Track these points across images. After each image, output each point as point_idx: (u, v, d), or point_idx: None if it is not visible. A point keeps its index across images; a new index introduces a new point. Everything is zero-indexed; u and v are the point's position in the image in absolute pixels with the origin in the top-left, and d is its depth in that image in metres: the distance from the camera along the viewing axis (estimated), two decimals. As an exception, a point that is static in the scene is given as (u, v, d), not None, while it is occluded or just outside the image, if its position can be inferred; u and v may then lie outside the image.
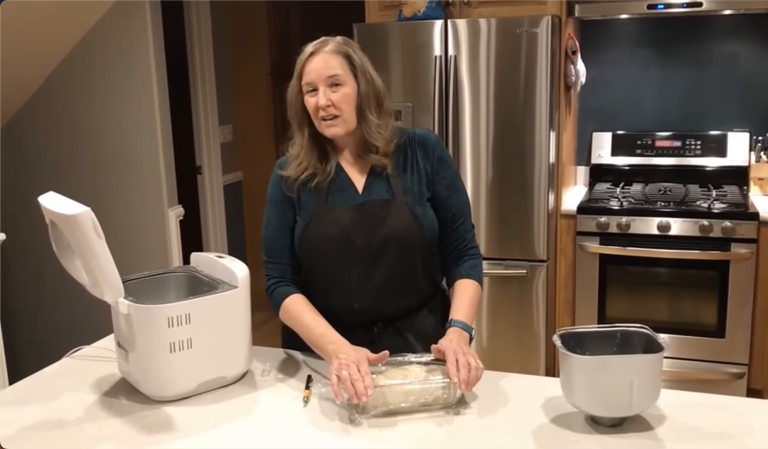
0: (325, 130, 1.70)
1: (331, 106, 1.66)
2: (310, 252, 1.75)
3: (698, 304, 3.26)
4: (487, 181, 3.29)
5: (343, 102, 1.67)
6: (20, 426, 1.51)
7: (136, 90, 3.57)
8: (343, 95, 1.67)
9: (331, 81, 1.66)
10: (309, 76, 1.67)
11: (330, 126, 1.69)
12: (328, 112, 1.67)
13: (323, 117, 1.68)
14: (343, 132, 1.70)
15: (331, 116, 1.67)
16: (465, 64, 3.22)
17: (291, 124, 1.77)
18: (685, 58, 3.65)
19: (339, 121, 1.68)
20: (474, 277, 1.81)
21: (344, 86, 1.67)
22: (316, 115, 1.69)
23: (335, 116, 1.67)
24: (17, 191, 3.77)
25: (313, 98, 1.68)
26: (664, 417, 1.46)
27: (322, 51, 1.67)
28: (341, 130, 1.70)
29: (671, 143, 3.66)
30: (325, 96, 1.66)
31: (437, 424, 1.48)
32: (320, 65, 1.66)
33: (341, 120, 1.68)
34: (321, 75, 1.66)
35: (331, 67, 1.66)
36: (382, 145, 1.73)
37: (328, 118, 1.67)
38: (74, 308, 3.66)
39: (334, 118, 1.68)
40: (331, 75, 1.66)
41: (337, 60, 1.67)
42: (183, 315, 1.55)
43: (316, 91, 1.67)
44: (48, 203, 1.50)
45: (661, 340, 1.44)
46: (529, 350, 3.36)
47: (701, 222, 3.16)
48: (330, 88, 1.66)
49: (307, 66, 1.68)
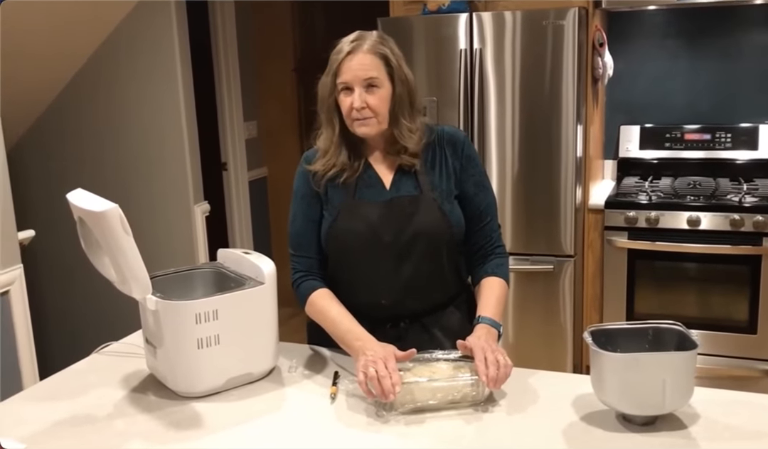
0: (357, 130, 1.68)
1: (366, 108, 1.65)
2: (337, 247, 1.74)
3: (729, 300, 3.20)
4: (513, 176, 3.26)
5: (378, 105, 1.66)
6: (50, 422, 1.52)
7: (161, 87, 3.59)
8: (379, 98, 1.65)
9: (368, 83, 1.64)
10: (345, 75, 1.65)
11: (362, 125, 1.67)
12: (363, 114, 1.65)
13: (356, 118, 1.66)
14: (375, 132, 1.69)
15: (365, 117, 1.66)
16: (490, 57, 3.19)
17: (319, 117, 1.75)
18: (715, 49, 3.58)
19: (372, 121, 1.67)
20: (501, 275, 1.79)
21: (380, 88, 1.66)
22: (349, 114, 1.67)
23: (368, 117, 1.66)
24: (46, 189, 3.81)
25: (348, 98, 1.66)
26: (698, 416, 1.43)
27: (359, 50, 1.64)
28: (373, 130, 1.68)
29: (701, 136, 3.60)
30: (361, 98, 1.64)
31: (466, 422, 1.46)
32: (357, 66, 1.64)
33: (374, 121, 1.67)
34: (357, 76, 1.64)
35: (368, 69, 1.64)
36: (412, 146, 1.71)
37: (361, 118, 1.66)
38: (102, 304, 3.70)
39: (367, 119, 1.66)
40: (368, 77, 1.64)
41: (374, 61, 1.65)
42: (210, 312, 1.55)
43: (351, 90, 1.65)
44: (76, 200, 1.51)
45: (695, 338, 1.41)
46: (556, 346, 3.33)
47: (732, 216, 3.10)
48: (366, 89, 1.65)
49: (344, 65, 1.65)
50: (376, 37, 1.68)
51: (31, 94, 3.59)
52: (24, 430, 1.49)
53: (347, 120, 1.69)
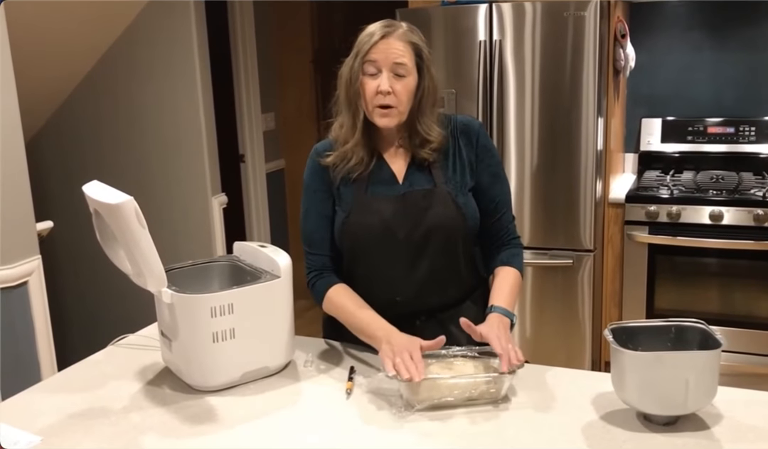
0: (378, 120, 1.64)
1: (391, 93, 1.61)
2: (351, 244, 1.71)
3: (751, 296, 3.16)
4: (532, 169, 3.23)
5: (404, 93, 1.62)
6: (66, 414, 1.52)
7: (179, 79, 3.59)
8: (404, 86, 1.62)
9: (397, 69, 1.61)
10: (375, 55, 1.60)
11: (384, 115, 1.63)
12: (387, 100, 1.61)
13: (380, 104, 1.62)
14: (394, 124, 1.65)
15: (387, 105, 1.62)
16: (510, 49, 3.15)
17: (335, 106, 1.71)
18: (739, 41, 3.52)
19: (394, 112, 1.63)
20: (515, 265, 1.76)
21: (407, 77, 1.62)
22: (372, 99, 1.62)
23: (390, 106, 1.62)
24: (65, 181, 3.83)
25: (374, 81, 1.61)
26: (721, 416, 1.40)
27: (392, 36, 1.61)
28: (393, 121, 1.64)
29: (724, 129, 3.54)
30: (388, 81, 1.60)
31: (485, 419, 1.44)
32: (388, 49, 1.60)
33: (396, 111, 1.63)
34: (388, 59, 1.60)
35: (399, 54, 1.60)
36: (436, 139, 1.68)
37: (384, 106, 1.62)
38: (120, 296, 3.72)
39: (389, 108, 1.62)
40: (399, 62, 1.60)
41: (406, 49, 1.62)
42: (226, 305, 1.54)
43: (378, 74, 1.61)
44: (92, 192, 1.50)
45: (718, 336, 1.38)
46: (574, 342, 3.30)
47: (755, 211, 3.05)
48: (394, 75, 1.61)
49: (376, 47, 1.60)
50: (407, 26, 1.65)
51: (49, 86, 3.60)
52: (40, 422, 1.49)
53: (368, 106, 1.64)
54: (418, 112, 1.67)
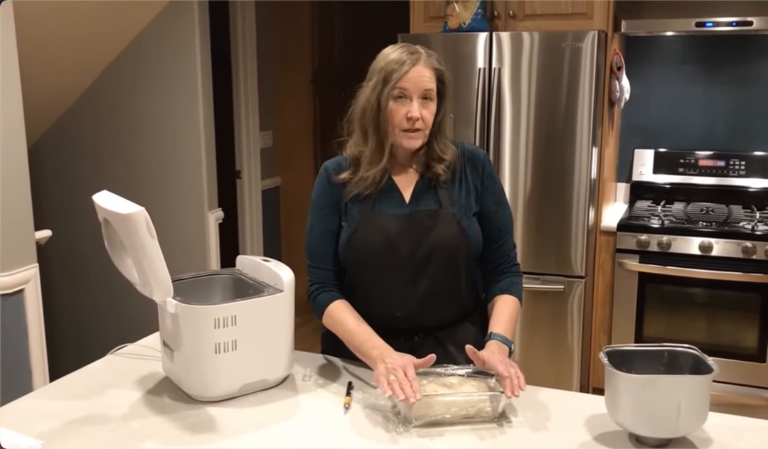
0: (406, 142, 1.70)
1: (420, 119, 1.67)
2: (355, 259, 1.75)
3: (739, 327, 3.20)
4: (525, 195, 3.28)
5: (429, 117, 1.70)
6: (67, 419, 1.54)
7: (181, 95, 3.62)
8: (430, 112, 1.70)
9: (425, 94, 1.68)
10: (406, 83, 1.66)
11: (411, 138, 1.69)
12: (416, 125, 1.67)
13: (409, 128, 1.68)
14: (419, 145, 1.72)
15: (416, 129, 1.68)
16: (508, 77, 3.22)
17: (347, 126, 1.77)
18: (732, 76, 3.60)
19: (420, 134, 1.70)
20: (514, 294, 1.81)
21: (432, 102, 1.70)
22: (401, 123, 1.68)
23: (418, 130, 1.68)
24: (63, 190, 3.84)
25: (402, 107, 1.67)
26: (711, 441, 1.44)
27: (420, 62, 1.68)
28: (419, 142, 1.71)
29: (714, 162, 3.61)
30: (419, 108, 1.67)
31: (480, 437, 1.47)
32: (417, 76, 1.66)
33: (422, 134, 1.70)
34: (418, 86, 1.66)
35: (428, 81, 1.68)
36: (450, 158, 1.75)
37: (412, 130, 1.68)
38: (115, 306, 3.72)
39: (417, 131, 1.69)
40: (427, 88, 1.68)
41: (432, 75, 1.69)
42: (229, 317, 1.57)
43: (404, 99, 1.67)
44: (102, 201, 1.53)
45: (710, 362, 1.42)
46: (563, 366, 3.33)
47: (744, 243, 3.11)
48: (422, 101, 1.68)
49: (407, 75, 1.66)
50: (425, 51, 1.72)
51: (51, 95, 3.62)
52: (41, 427, 1.50)
53: (395, 130, 1.69)
54: (438, 133, 1.73)
